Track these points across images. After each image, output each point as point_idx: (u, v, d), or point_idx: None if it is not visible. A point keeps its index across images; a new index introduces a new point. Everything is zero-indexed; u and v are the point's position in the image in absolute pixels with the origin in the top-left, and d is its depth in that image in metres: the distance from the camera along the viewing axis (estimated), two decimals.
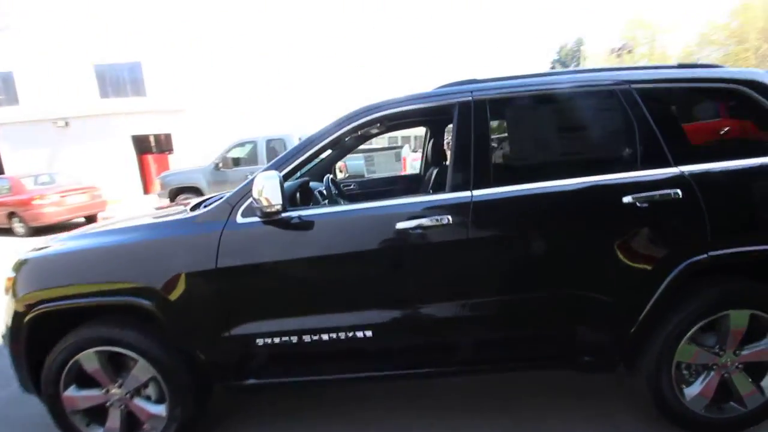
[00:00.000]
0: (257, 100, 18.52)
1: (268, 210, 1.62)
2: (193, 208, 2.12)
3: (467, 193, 1.72)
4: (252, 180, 1.79)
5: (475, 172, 1.72)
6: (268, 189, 1.60)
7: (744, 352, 1.77)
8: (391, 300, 1.76)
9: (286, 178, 1.77)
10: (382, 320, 1.74)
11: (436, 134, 3.22)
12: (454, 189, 1.74)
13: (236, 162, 8.67)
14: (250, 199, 1.75)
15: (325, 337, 1.74)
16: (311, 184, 2.51)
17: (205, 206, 2.08)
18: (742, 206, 1.69)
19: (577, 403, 2.11)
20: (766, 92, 1.75)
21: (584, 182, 1.70)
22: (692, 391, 1.80)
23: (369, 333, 1.74)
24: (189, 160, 12.99)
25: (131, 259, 1.79)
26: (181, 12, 15.48)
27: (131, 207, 11.73)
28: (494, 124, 2.08)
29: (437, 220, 1.67)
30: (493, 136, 1.78)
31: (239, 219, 1.76)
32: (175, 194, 8.74)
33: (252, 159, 8.64)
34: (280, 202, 1.60)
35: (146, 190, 16.37)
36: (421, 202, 1.75)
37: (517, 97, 1.80)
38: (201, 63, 16.12)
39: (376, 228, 1.73)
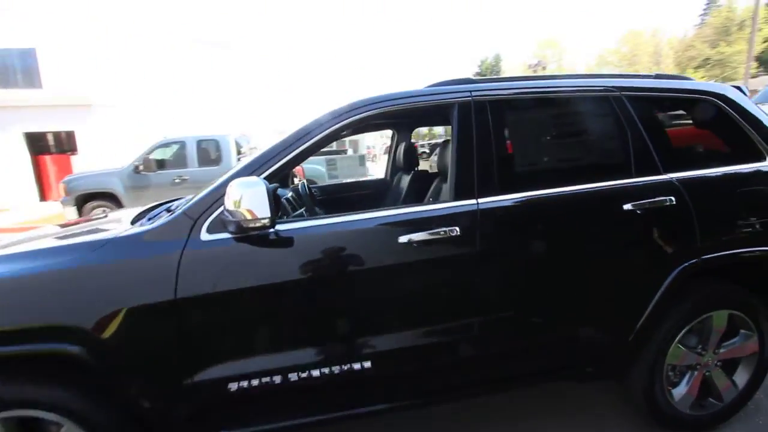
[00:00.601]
0: (190, 96, 16.82)
1: (252, 225, 1.32)
2: (132, 223, 1.72)
3: (472, 201, 1.57)
4: (219, 187, 1.47)
5: (479, 178, 1.59)
6: (250, 199, 1.29)
7: (722, 350, 1.86)
8: (394, 324, 1.54)
9: None
10: (384, 347, 1.52)
11: (404, 137, 3.06)
12: (457, 196, 1.58)
13: (160, 164, 7.71)
14: (219, 211, 1.43)
15: (315, 372, 1.47)
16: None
17: (150, 220, 1.69)
18: (727, 211, 1.76)
19: (570, 420, 2.07)
20: (732, 105, 1.88)
21: (588, 189, 1.65)
22: (679, 391, 1.85)
23: (368, 364, 1.50)
24: (97, 162, 11.33)
25: (50, 293, 1.35)
26: None
27: (24, 216, 9.95)
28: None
29: (445, 232, 1.50)
30: (423, 142, 1.68)
31: (204, 236, 1.42)
32: (83, 201, 7.54)
33: (180, 161, 7.75)
34: (268, 215, 1.31)
35: (43, 196, 14.08)
36: (424, 211, 1.56)
37: (518, 99, 1.70)
38: (113, 51, 14.30)
39: (377, 242, 1.51)
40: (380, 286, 1.52)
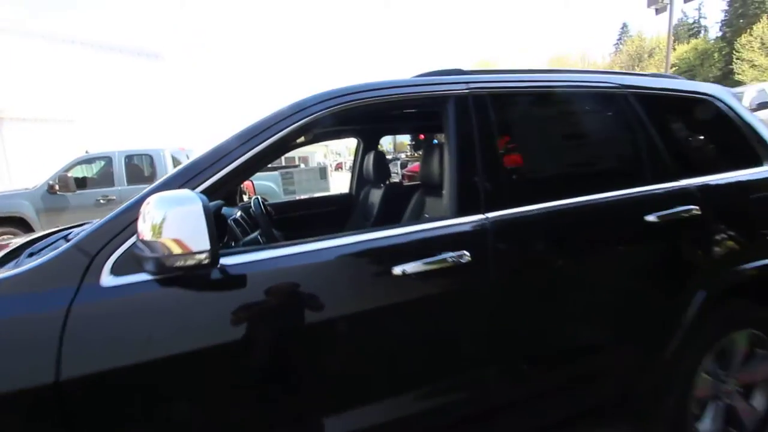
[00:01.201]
0: (120, 110, 15.23)
1: (182, 263, 0.88)
2: (3, 261, 1.19)
3: (479, 217, 1.24)
4: (130, 207, 1.01)
5: (485, 187, 1.27)
6: (178, 223, 0.85)
7: (742, 375, 1.68)
8: (388, 386, 1.15)
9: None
10: (379, 420, 1.12)
11: (370, 146, 2.72)
12: (460, 211, 1.25)
13: (81, 183, 6.71)
14: (131, 242, 0.97)
15: None
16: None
17: (30, 257, 1.18)
18: (744, 220, 1.60)
19: None
20: (730, 107, 1.76)
21: (610, 198, 1.40)
22: (705, 426, 1.63)
23: None
24: (2, 182, 9.76)
25: None
26: None
27: None
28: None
29: (453, 258, 1.15)
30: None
31: (107, 280, 0.95)
32: None
33: (105, 179, 6.80)
34: (207, 246, 0.87)
35: None
36: (419, 231, 1.20)
37: (522, 93, 1.42)
38: (28, 60, 12.72)
39: (364, 276, 1.13)
40: (372, 337, 1.13)
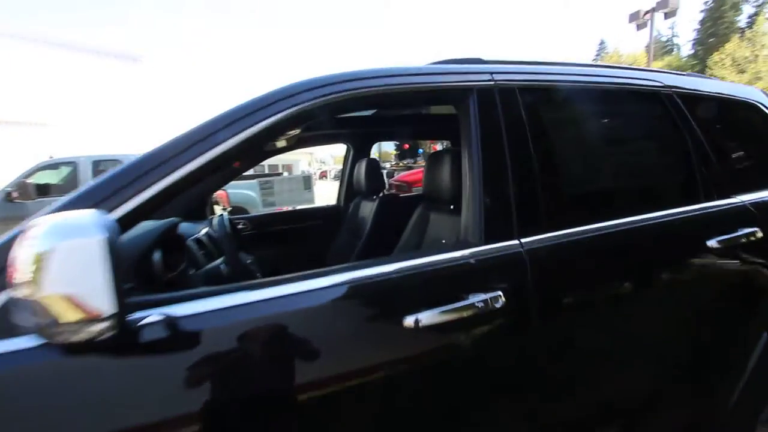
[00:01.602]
0: (93, 114, 14.52)
1: (68, 339, 0.55)
2: None
3: (512, 243, 0.96)
4: (12, 238, 0.68)
5: (519, 205, 0.99)
6: (66, 269, 0.53)
7: None
8: None
9: (126, 224, 0.72)
10: None
11: (361, 153, 2.42)
12: (487, 237, 0.95)
13: (43, 190, 6.19)
14: (7, 297, 0.64)
15: None
16: (180, 226, 1.38)
17: None
18: None
19: None
20: None
21: (668, 217, 1.14)
22: None
23: None
24: None
25: None
26: None
27: None
28: None
29: (484, 302, 0.85)
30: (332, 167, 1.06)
31: None
32: None
33: (71, 186, 6.29)
34: (107, 310, 0.55)
35: None
36: (434, 263, 0.90)
37: (559, 88, 1.15)
38: None
39: (365, 331, 0.82)
40: (376, 418, 0.82)
